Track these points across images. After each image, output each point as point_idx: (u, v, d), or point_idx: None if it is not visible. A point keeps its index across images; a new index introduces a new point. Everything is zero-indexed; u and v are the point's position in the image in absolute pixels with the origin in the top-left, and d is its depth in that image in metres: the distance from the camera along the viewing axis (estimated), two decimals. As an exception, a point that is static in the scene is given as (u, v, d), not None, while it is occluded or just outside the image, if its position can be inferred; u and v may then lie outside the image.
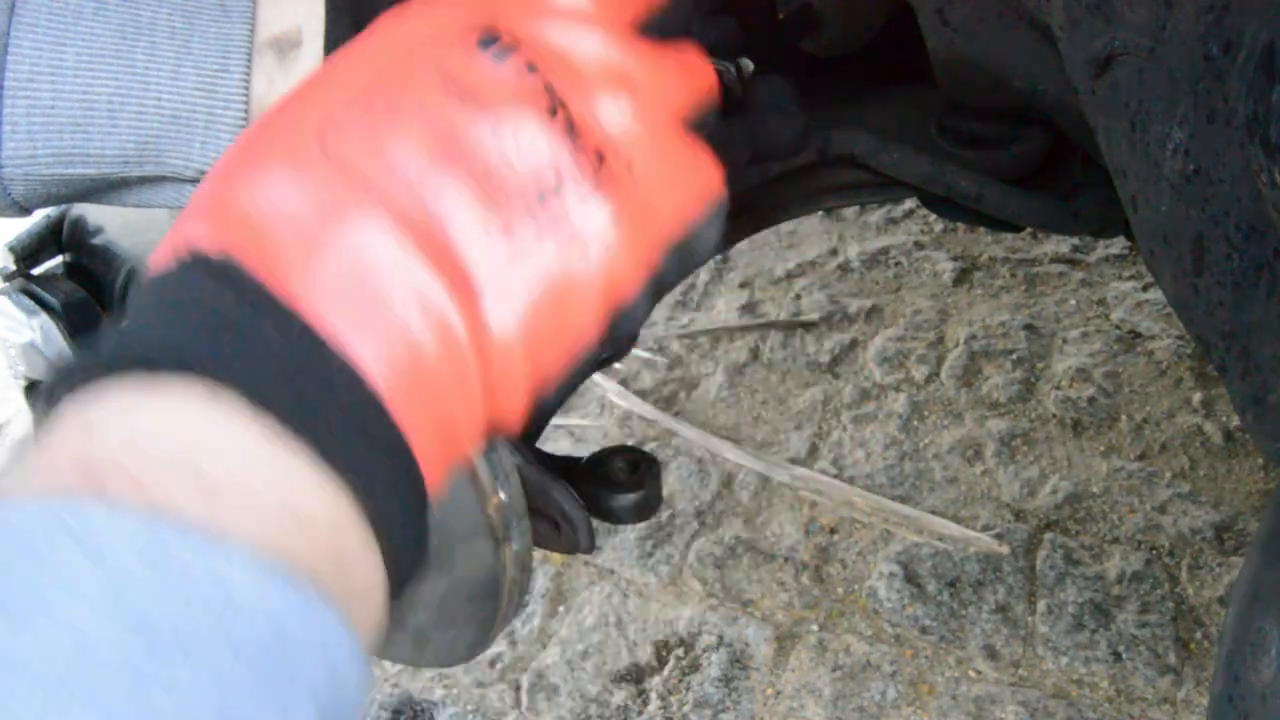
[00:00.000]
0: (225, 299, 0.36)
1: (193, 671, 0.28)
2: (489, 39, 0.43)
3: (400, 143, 0.40)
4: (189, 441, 0.33)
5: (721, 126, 0.53)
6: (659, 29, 0.49)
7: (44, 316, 0.78)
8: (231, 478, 0.33)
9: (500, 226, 0.40)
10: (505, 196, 0.41)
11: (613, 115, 0.45)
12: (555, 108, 0.43)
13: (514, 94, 0.42)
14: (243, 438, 0.34)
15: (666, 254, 0.47)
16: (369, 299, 0.37)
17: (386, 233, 0.38)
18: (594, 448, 0.74)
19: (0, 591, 0.28)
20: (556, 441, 1.89)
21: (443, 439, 0.40)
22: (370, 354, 0.37)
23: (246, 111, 0.56)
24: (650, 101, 0.46)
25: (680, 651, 1.54)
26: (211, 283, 0.36)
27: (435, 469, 0.40)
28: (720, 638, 1.55)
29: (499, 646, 1.57)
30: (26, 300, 0.78)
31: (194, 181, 0.58)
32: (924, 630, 1.52)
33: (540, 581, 1.66)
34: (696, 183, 0.48)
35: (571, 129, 0.43)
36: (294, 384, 0.35)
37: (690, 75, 0.49)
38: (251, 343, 0.35)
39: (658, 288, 0.47)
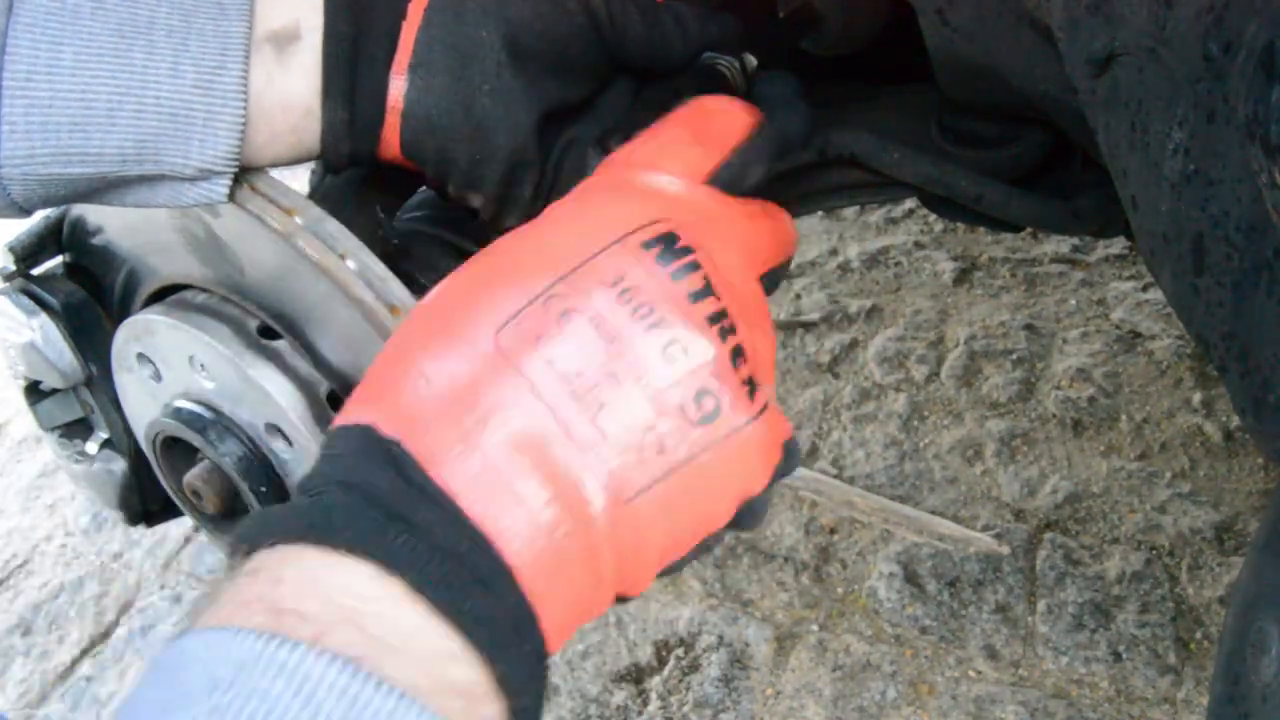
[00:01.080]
0: (396, 489, 0.42)
1: None
2: (667, 249, 0.48)
3: (570, 353, 0.45)
4: (361, 607, 0.39)
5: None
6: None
7: (44, 316, 0.78)
8: (395, 640, 0.39)
9: (654, 445, 0.45)
10: (664, 414, 0.46)
11: (764, 348, 0.50)
12: (726, 333, 0.47)
13: (688, 314, 0.47)
14: (404, 612, 0.40)
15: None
16: (510, 496, 0.43)
17: (538, 441, 0.44)
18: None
19: (227, 708, 0.34)
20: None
21: (573, 610, 0.46)
22: (513, 544, 0.42)
23: (245, 108, 0.56)
24: (773, 351, 0.53)
25: (680, 651, 1.54)
26: (385, 469, 0.43)
27: (562, 632, 0.45)
28: (720, 638, 1.55)
29: (499, 646, 1.57)
30: (26, 300, 0.78)
31: (192, 180, 0.58)
32: (924, 630, 1.52)
33: (540, 581, 1.65)
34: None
35: (737, 356, 0.48)
36: (448, 574, 0.41)
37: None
38: (415, 534, 0.41)
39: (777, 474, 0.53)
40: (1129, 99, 0.53)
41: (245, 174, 0.61)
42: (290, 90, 0.58)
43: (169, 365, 0.71)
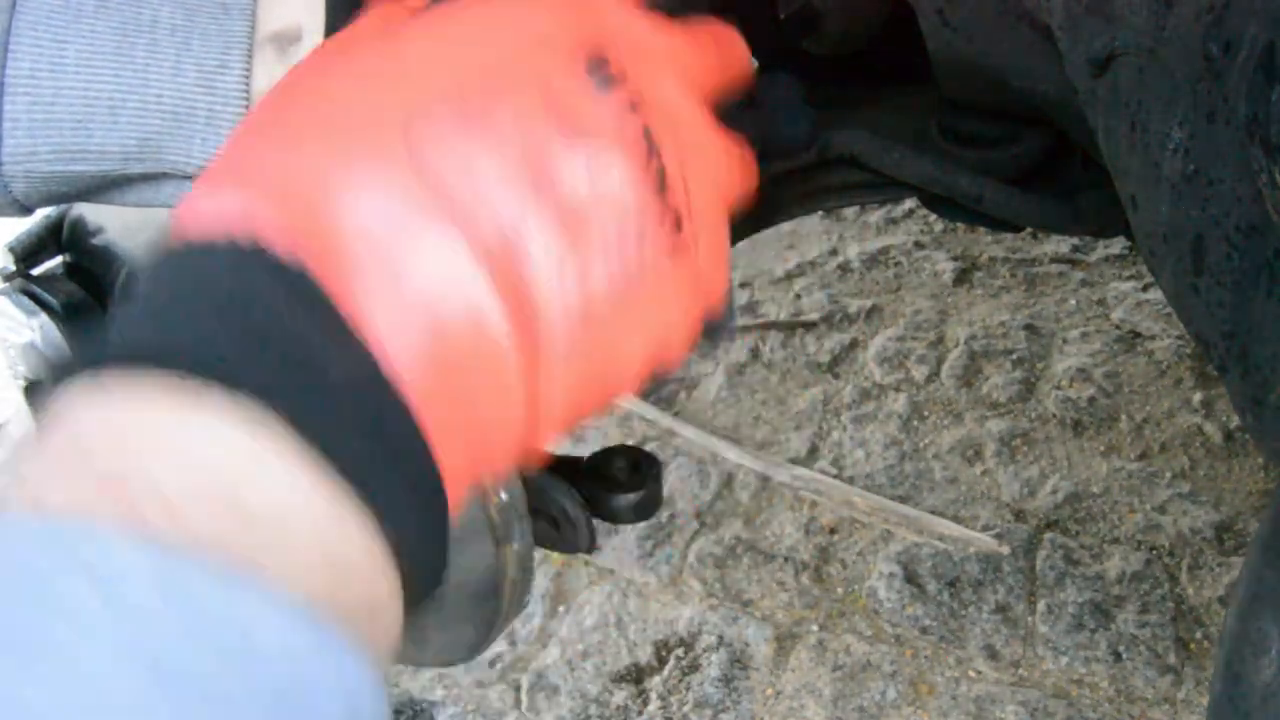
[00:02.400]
0: (295, 317, 0.33)
1: (209, 718, 0.27)
2: (597, 64, 0.41)
3: (492, 160, 0.38)
4: (233, 471, 0.31)
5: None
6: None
7: (44, 316, 0.78)
8: (271, 515, 0.31)
9: (577, 268, 0.39)
10: (586, 236, 0.39)
11: (698, 182, 0.44)
12: (650, 157, 0.41)
13: (614, 132, 0.41)
14: (287, 474, 0.32)
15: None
16: (429, 324, 0.36)
17: (462, 258, 0.36)
18: (594, 447, 0.74)
19: (6, 630, 0.27)
20: (557, 441, 1.89)
21: (476, 463, 0.39)
22: (419, 379, 0.35)
23: (247, 107, 0.56)
24: (721, 182, 0.46)
25: (680, 651, 1.54)
26: (279, 290, 0.33)
27: (459, 484, 0.39)
28: (720, 638, 1.55)
29: (499, 646, 1.57)
30: (26, 300, 0.78)
31: (194, 178, 0.58)
32: (924, 630, 1.52)
33: (540, 581, 1.66)
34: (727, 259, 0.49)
35: (662, 184, 0.42)
36: (353, 428, 0.33)
37: (746, 166, 0.50)
38: (315, 375, 0.33)
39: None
40: (1129, 99, 0.53)
41: (246, 174, 0.61)
42: None
43: (170, 365, 0.71)
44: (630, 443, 1.74)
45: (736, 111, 0.69)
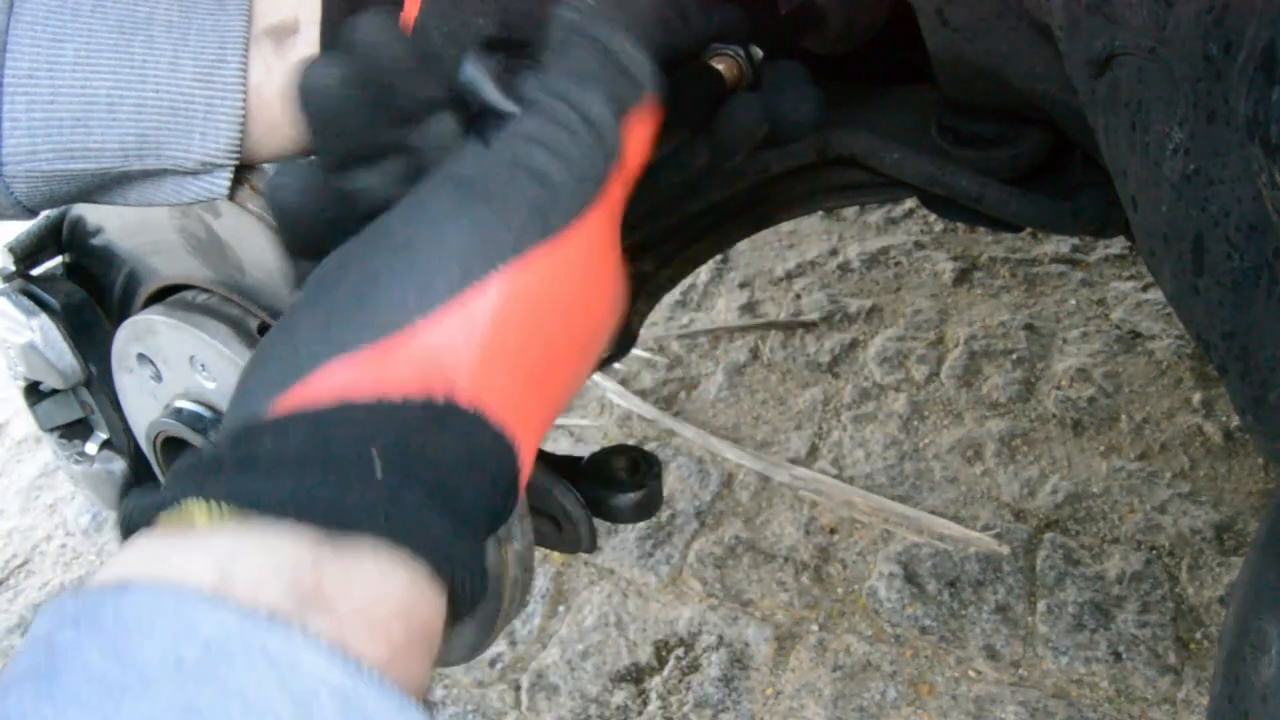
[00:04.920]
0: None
1: None
2: None
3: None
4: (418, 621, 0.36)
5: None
6: None
7: (44, 316, 0.78)
8: (369, 605, 0.35)
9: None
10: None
11: None
12: None
13: None
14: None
15: None
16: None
17: None
18: (594, 448, 0.74)
19: (201, 708, 0.28)
20: (556, 441, 1.89)
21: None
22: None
23: (244, 101, 0.56)
24: None
25: (680, 651, 1.54)
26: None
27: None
28: (720, 638, 1.55)
29: (499, 646, 1.57)
30: (26, 300, 0.78)
31: (194, 173, 0.58)
32: (924, 630, 1.52)
33: (540, 581, 1.66)
34: None
35: None
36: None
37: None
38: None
39: None
40: (1129, 99, 0.53)
41: (245, 173, 0.61)
42: (289, 83, 0.58)
43: (169, 365, 0.71)
44: (630, 443, 1.74)
45: (745, 96, 0.69)
